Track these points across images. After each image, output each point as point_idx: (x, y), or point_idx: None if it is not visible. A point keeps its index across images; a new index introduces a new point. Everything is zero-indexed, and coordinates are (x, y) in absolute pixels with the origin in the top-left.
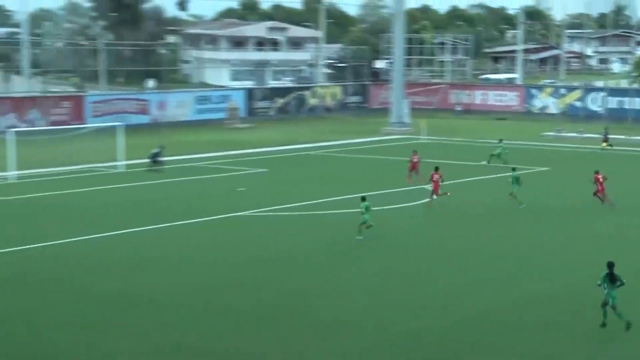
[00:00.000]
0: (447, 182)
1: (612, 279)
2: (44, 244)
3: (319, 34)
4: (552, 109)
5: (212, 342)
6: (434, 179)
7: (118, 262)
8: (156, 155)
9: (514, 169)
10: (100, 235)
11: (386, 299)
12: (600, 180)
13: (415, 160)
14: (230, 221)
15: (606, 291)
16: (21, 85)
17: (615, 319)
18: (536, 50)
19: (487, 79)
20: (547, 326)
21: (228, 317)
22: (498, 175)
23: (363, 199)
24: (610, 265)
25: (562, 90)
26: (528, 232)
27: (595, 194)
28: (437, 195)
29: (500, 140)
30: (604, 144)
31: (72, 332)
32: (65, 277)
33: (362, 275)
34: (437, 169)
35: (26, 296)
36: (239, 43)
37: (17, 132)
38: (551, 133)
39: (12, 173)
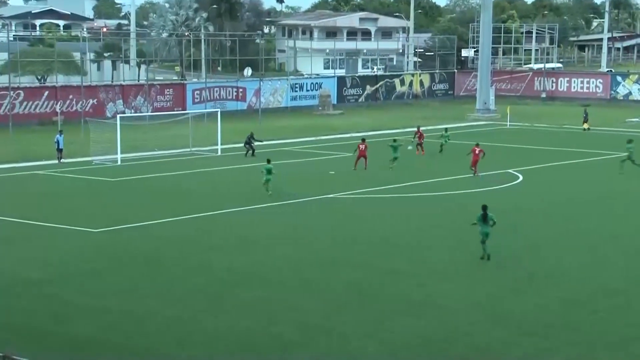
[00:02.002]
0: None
1: (485, 219)
2: (149, 222)
3: (408, 23)
4: (637, 96)
5: (303, 318)
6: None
7: (222, 240)
8: (250, 140)
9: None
10: (203, 214)
11: (481, 281)
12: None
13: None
14: (322, 203)
15: (480, 229)
16: (128, 73)
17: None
18: (621, 39)
19: (531, 69)
20: None
21: (320, 295)
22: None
23: (268, 161)
24: (484, 207)
25: None
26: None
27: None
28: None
29: (446, 130)
30: (585, 125)
31: (179, 307)
32: (173, 254)
33: (455, 257)
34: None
35: (135, 274)
36: (331, 33)
37: (123, 117)
38: (635, 119)
39: (120, 156)
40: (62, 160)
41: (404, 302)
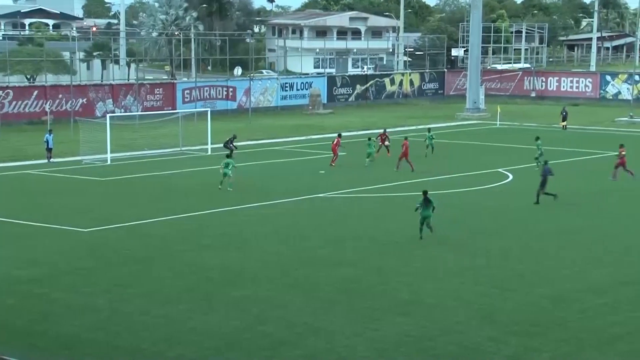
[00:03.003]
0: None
1: (426, 203)
2: (139, 221)
3: (398, 23)
4: (626, 95)
5: (292, 316)
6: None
7: (211, 239)
8: (230, 141)
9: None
10: (193, 213)
11: (470, 279)
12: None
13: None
14: (312, 202)
15: (421, 212)
16: (118, 73)
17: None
18: (611, 38)
19: (494, 68)
20: None
21: (309, 293)
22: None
23: (227, 156)
24: (425, 192)
25: (637, 77)
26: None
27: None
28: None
29: (429, 130)
30: (563, 124)
31: (168, 306)
32: (163, 253)
33: (445, 255)
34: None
35: (125, 273)
36: (321, 32)
37: (112, 117)
38: (624, 118)
39: (110, 155)
40: (51, 159)
41: (392, 301)
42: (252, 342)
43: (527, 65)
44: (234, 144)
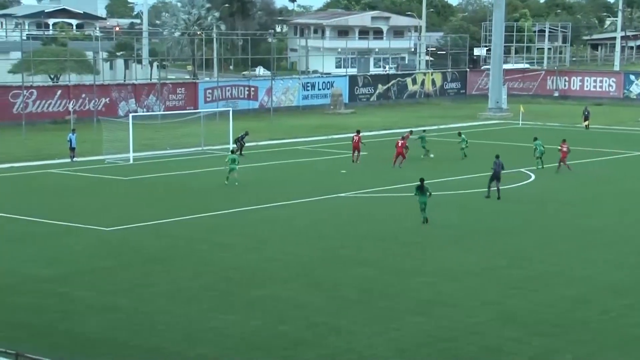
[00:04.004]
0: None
1: (422, 190)
2: (161, 221)
3: (420, 22)
4: None
5: (312, 316)
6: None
7: (232, 239)
8: (241, 138)
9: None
10: (214, 213)
11: (491, 280)
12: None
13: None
14: (333, 201)
15: (418, 198)
16: (140, 72)
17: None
18: (635, 37)
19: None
20: None
21: (329, 293)
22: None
23: (232, 152)
24: (421, 180)
25: None
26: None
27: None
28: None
29: (460, 134)
30: (585, 124)
31: (189, 305)
32: (184, 253)
33: (465, 256)
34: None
35: (146, 272)
36: (343, 32)
37: (135, 116)
38: None
39: (132, 155)
40: (74, 159)
41: (413, 301)
42: (272, 341)
43: (527, 65)
44: (244, 140)
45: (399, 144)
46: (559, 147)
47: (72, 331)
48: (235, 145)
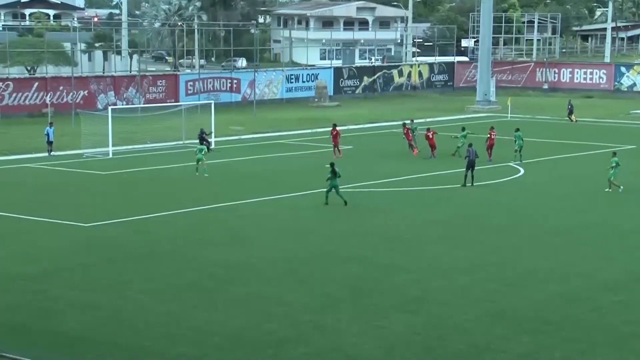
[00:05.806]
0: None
1: (334, 174)
2: (141, 216)
3: (407, 13)
4: None
5: (297, 314)
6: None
7: (215, 235)
8: (202, 134)
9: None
10: (196, 208)
11: (481, 276)
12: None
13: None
14: (317, 197)
15: (329, 182)
16: (120, 64)
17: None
18: (626, 28)
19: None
20: None
21: (314, 290)
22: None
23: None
24: (332, 164)
25: None
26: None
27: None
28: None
29: (463, 129)
30: (572, 117)
31: (170, 303)
32: (166, 249)
33: (454, 252)
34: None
35: (126, 269)
36: (328, 23)
37: (114, 109)
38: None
39: (111, 149)
40: (52, 153)
41: (400, 298)
42: (256, 339)
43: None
44: (207, 138)
45: (430, 136)
46: (488, 135)
47: (51, 330)
48: (207, 140)
